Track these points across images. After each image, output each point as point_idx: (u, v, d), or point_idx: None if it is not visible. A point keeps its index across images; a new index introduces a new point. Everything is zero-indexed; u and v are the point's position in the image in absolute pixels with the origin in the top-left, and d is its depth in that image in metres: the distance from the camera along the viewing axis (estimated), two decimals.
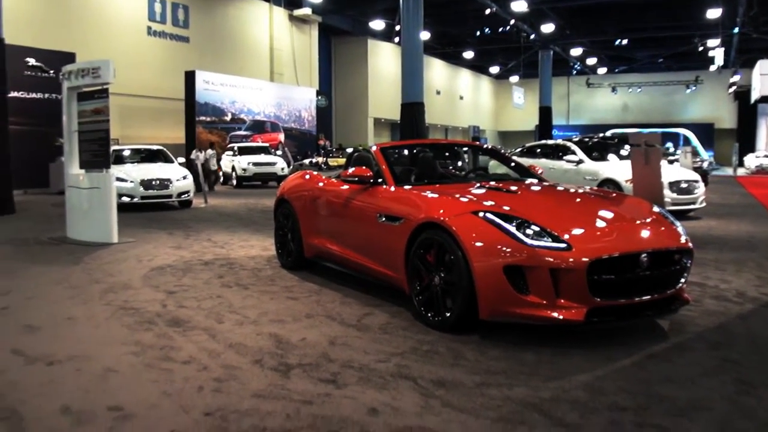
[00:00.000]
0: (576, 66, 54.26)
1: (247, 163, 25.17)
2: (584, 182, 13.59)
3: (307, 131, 37.45)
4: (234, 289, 6.85)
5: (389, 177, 6.42)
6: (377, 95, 45.19)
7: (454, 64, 55.39)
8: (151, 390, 3.97)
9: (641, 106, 58.67)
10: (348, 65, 45.65)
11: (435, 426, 3.41)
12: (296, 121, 36.66)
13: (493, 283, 4.79)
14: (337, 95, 45.66)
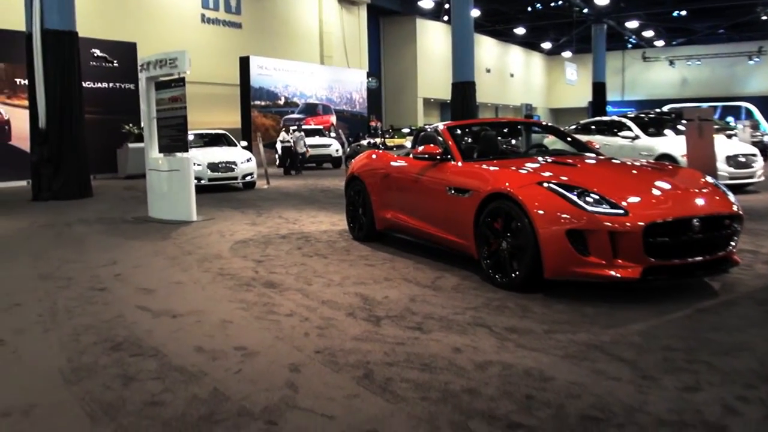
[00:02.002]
0: (631, 39, 53.81)
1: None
2: (640, 158, 14.01)
3: (359, 113, 38.13)
4: (314, 258, 7.63)
5: (457, 153, 7.10)
6: (426, 75, 45.60)
7: (504, 41, 55.48)
8: (265, 335, 4.75)
9: (701, 80, 57.43)
10: (397, 46, 46.10)
11: (511, 361, 4.11)
12: (347, 103, 37.38)
13: (557, 246, 5.45)
14: (386, 76, 46.19)
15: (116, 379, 3.94)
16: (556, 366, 4.00)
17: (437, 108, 49.53)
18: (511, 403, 3.46)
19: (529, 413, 3.33)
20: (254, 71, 30.69)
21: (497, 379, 3.80)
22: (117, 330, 4.95)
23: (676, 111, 18.35)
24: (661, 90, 57.56)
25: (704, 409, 3.36)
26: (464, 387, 3.69)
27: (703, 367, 3.96)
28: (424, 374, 3.90)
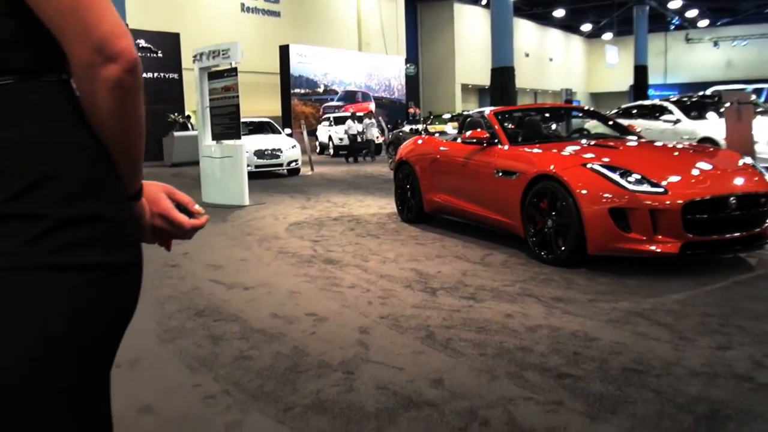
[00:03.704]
0: (674, 21, 53.40)
1: (343, 132, 26.52)
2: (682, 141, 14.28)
3: (397, 100, 38.64)
4: (367, 238, 8.16)
5: (504, 137, 7.58)
6: (464, 61, 45.87)
7: (543, 24, 55.49)
8: (332, 304, 5.28)
9: (747, 61, 56.01)
10: (434, 31, 46.41)
11: (559, 325, 4.60)
12: (386, 90, 37.90)
13: (600, 224, 5.91)
14: (423, 62, 46.54)
15: (205, 339, 4.50)
16: (600, 329, 4.49)
17: (475, 94, 49.81)
18: (560, 358, 3.96)
19: (576, 366, 3.82)
20: (294, 59, 31.31)
21: (546, 339, 4.29)
22: (196, 300, 5.52)
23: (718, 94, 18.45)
24: (705, 72, 56.66)
25: (734, 363, 3.82)
26: (517, 345, 4.19)
27: (735, 330, 4.40)
28: (480, 335, 4.41)
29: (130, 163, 1.25)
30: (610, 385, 3.53)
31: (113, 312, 1.18)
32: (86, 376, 1.17)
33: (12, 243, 1.07)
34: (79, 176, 1.13)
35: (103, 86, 1.12)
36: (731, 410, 3.21)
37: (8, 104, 1.11)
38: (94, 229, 1.13)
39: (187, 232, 1.49)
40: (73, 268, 1.11)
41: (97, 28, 1.09)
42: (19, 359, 1.08)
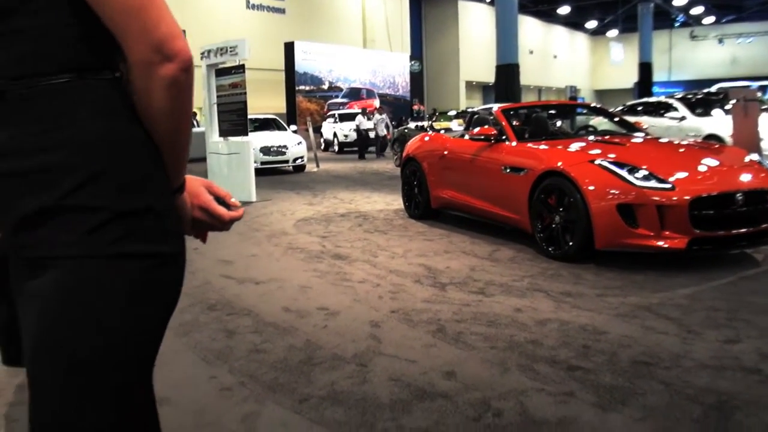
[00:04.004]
0: (678, 18, 53.34)
1: (349, 129, 26.53)
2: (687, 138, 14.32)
3: (402, 97, 38.65)
4: (375, 233, 8.22)
5: (511, 134, 7.64)
6: (468, 58, 45.90)
7: (548, 21, 55.48)
8: (343, 298, 5.35)
9: (752, 58, 55.70)
10: (438, 28, 46.43)
11: (568, 319, 4.66)
12: (391, 87, 37.93)
13: (608, 219, 5.96)
14: (428, 59, 46.60)
15: (219, 332, 4.57)
16: (609, 323, 4.55)
17: (479, 91, 49.85)
18: (570, 351, 4.02)
19: (586, 358, 3.89)
20: (299, 56, 31.37)
21: (556, 333, 4.36)
22: (208, 294, 5.59)
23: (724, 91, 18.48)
24: (709, 69, 56.52)
25: (742, 356, 3.88)
26: (527, 339, 4.26)
27: (742, 324, 4.46)
28: (490, 329, 4.47)
29: (177, 157, 1.33)
30: (620, 377, 3.60)
31: (163, 298, 1.27)
32: (140, 360, 1.26)
33: (72, 234, 1.15)
34: (133, 170, 1.21)
35: (159, 84, 1.20)
36: (739, 401, 3.27)
37: (67, 101, 1.18)
38: (146, 221, 1.22)
39: (226, 224, 1.57)
40: (128, 257, 1.19)
41: (156, 28, 1.17)
42: (80, 344, 1.17)
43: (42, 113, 1.17)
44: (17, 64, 1.18)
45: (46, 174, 1.16)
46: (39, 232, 1.18)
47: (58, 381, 1.18)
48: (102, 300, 1.18)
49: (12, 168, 1.17)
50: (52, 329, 1.18)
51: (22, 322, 1.28)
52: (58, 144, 1.17)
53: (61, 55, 1.19)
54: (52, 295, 1.18)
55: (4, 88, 1.18)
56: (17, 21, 1.16)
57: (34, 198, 1.17)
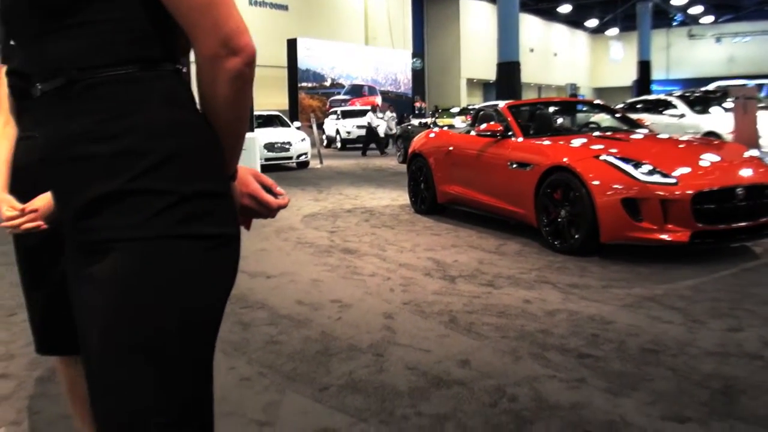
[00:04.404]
0: (677, 17, 53.37)
1: (352, 126, 26.56)
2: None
3: (403, 94, 38.70)
4: (382, 228, 8.31)
5: (517, 130, 7.73)
6: (469, 55, 45.93)
7: (548, 19, 55.49)
8: (354, 291, 5.43)
9: (749, 57, 55.65)
10: (440, 26, 46.45)
11: (576, 309, 4.76)
12: (392, 84, 37.98)
13: (613, 213, 6.06)
14: (429, 57, 46.59)
15: (235, 325, 4.65)
16: (616, 313, 4.65)
17: (480, 88, 49.87)
18: (580, 339, 4.12)
19: (595, 347, 3.98)
20: (301, 53, 31.42)
21: (565, 323, 4.45)
22: None
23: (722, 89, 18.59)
24: (707, 68, 56.48)
25: (745, 343, 3.99)
26: (537, 328, 4.35)
27: (745, 313, 4.57)
28: (501, 319, 4.57)
29: (234, 146, 1.41)
30: (628, 364, 3.69)
31: (225, 277, 1.36)
32: (207, 338, 1.34)
33: (142, 215, 1.22)
34: (197, 156, 1.29)
35: (224, 76, 1.27)
36: (744, 386, 3.38)
37: (133, 90, 1.26)
38: (210, 204, 1.30)
39: (272, 212, 1.65)
40: (194, 237, 1.27)
41: (225, 24, 1.25)
42: (152, 324, 1.24)
43: (109, 102, 1.25)
44: (86, 55, 1.25)
45: (113, 159, 1.23)
46: (105, 216, 1.24)
47: (131, 361, 1.24)
48: (170, 280, 1.25)
49: (79, 153, 1.24)
50: (122, 311, 1.24)
51: (81, 307, 1.33)
52: (125, 130, 1.24)
53: (127, 47, 1.26)
54: (119, 277, 1.24)
55: (72, 77, 1.25)
56: (89, 13, 1.23)
57: (102, 182, 1.24)
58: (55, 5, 1.23)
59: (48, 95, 1.29)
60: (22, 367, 3.94)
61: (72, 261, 1.38)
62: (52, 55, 1.27)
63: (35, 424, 3.25)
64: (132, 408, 1.25)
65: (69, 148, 1.26)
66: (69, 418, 3.16)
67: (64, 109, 1.27)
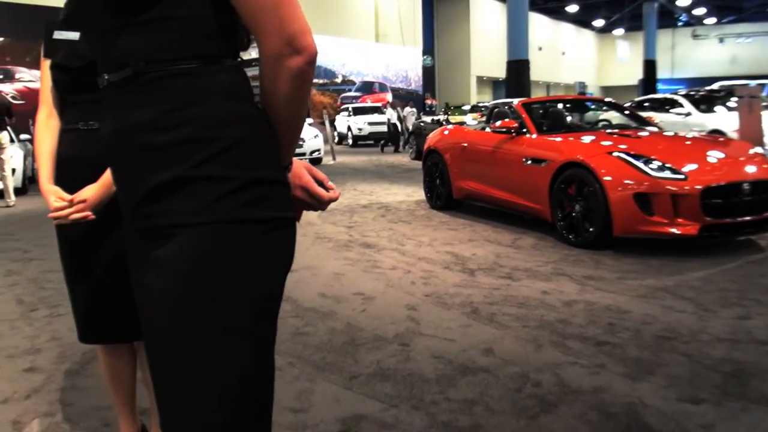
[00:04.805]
0: (681, 17, 53.29)
1: (363, 122, 26.65)
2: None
3: (414, 91, 38.77)
4: (399, 224, 8.44)
5: (532, 127, 7.84)
6: (479, 53, 45.87)
7: (556, 18, 55.39)
8: (376, 284, 5.56)
9: (752, 57, 55.47)
10: (450, 24, 46.37)
11: (592, 300, 4.88)
12: (403, 81, 38.07)
13: (625, 208, 6.17)
14: (439, 54, 46.52)
15: None
16: (630, 303, 4.77)
17: (489, 86, 49.84)
18: (597, 328, 4.24)
19: (613, 335, 4.11)
20: None
21: (583, 313, 4.58)
22: None
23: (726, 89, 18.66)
24: (710, 68, 56.28)
25: (754, 330, 4.11)
26: (557, 318, 4.48)
27: (753, 303, 4.69)
28: (521, 310, 4.69)
29: (291, 139, 1.48)
30: (645, 351, 3.82)
31: (283, 258, 1.44)
32: (271, 317, 1.43)
33: (206, 199, 1.30)
34: (257, 145, 1.37)
35: (286, 74, 1.35)
36: (754, 370, 3.51)
37: (198, 83, 1.34)
38: (267, 190, 1.37)
39: (324, 204, 1.68)
40: (254, 221, 1.34)
41: (290, 24, 1.32)
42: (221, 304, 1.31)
43: (173, 93, 1.32)
44: (154, 49, 1.33)
45: (176, 147, 1.31)
46: (169, 201, 1.31)
47: (202, 339, 1.31)
48: (233, 262, 1.32)
49: (144, 142, 1.32)
50: (189, 292, 1.30)
51: (144, 291, 1.39)
52: (188, 121, 1.31)
53: (192, 43, 1.34)
54: (185, 260, 1.30)
55: (139, 69, 1.33)
56: (159, 11, 1.31)
57: (167, 169, 1.30)
58: (129, 3, 1.31)
59: (114, 85, 1.37)
60: (50, 361, 4.03)
61: (133, 248, 1.45)
62: (122, 48, 1.34)
63: (68, 415, 3.30)
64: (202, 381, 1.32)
65: (134, 137, 1.33)
66: (102, 410, 3.29)
67: (130, 100, 1.35)
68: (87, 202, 2.27)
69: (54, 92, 2.51)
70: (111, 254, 2.43)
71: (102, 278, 2.47)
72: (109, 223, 2.35)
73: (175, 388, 1.33)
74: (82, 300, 2.54)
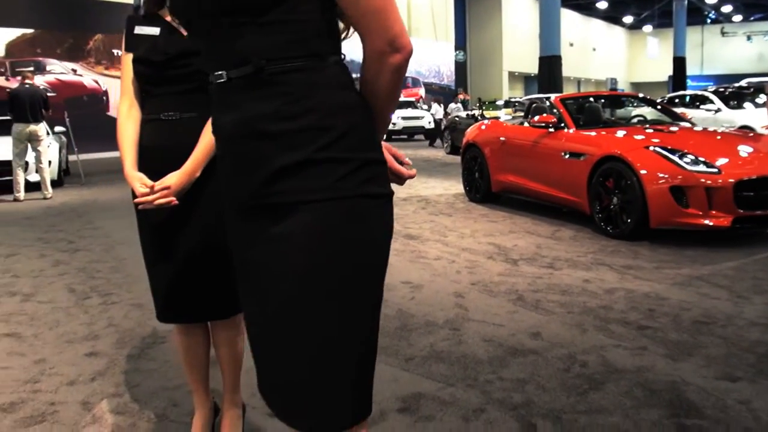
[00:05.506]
0: (710, 15, 52.74)
1: (397, 117, 26.65)
2: None
3: (446, 86, 38.70)
4: (440, 216, 8.60)
5: (570, 122, 7.98)
6: (511, 48, 45.62)
7: (587, 15, 54.98)
8: (423, 274, 5.72)
9: None
10: (482, 19, 46.11)
11: (632, 287, 5.02)
12: (436, 76, 38.00)
13: (662, 200, 6.29)
14: (471, 49, 46.33)
15: None
16: (668, 290, 4.90)
17: (521, 81, 49.63)
18: (638, 314, 4.38)
19: (653, 319, 4.25)
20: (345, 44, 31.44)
21: (623, 300, 4.72)
22: None
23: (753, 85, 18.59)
24: (738, 65, 55.43)
25: None
26: (599, 305, 4.62)
27: None
28: (564, 297, 4.84)
29: (384, 123, 1.65)
30: (684, 334, 3.96)
31: (390, 228, 1.60)
32: (381, 278, 1.59)
33: (331, 178, 1.46)
34: (364, 131, 1.54)
35: (388, 69, 1.52)
36: None
37: (314, 77, 1.50)
38: (377, 169, 1.55)
39: (402, 180, 1.82)
40: (370, 196, 1.51)
41: (392, 27, 1.50)
42: (343, 266, 1.48)
43: (293, 86, 1.48)
44: (273, 48, 1.48)
45: (303, 133, 1.46)
46: (294, 181, 1.46)
47: (334, 304, 1.47)
48: (357, 231, 1.49)
49: (270, 130, 1.48)
50: (318, 259, 1.46)
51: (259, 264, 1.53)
52: (308, 110, 1.47)
53: (307, 42, 1.50)
54: (313, 231, 1.45)
55: (261, 66, 1.48)
56: (279, 14, 1.47)
57: (293, 152, 1.44)
58: (250, 8, 1.46)
59: (235, 81, 1.52)
60: (110, 346, 4.15)
61: (241, 228, 1.60)
62: (242, 48, 1.49)
63: (135, 396, 3.39)
64: (325, 343, 1.48)
65: (258, 125, 1.49)
66: (168, 390, 3.44)
67: (252, 94, 1.50)
68: (170, 189, 2.38)
69: (135, 84, 2.60)
70: (190, 239, 2.53)
71: (180, 261, 2.56)
72: (189, 210, 2.48)
73: (303, 351, 1.48)
74: (162, 282, 2.62)
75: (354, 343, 1.51)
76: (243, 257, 1.60)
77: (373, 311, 1.56)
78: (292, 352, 1.49)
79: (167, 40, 2.51)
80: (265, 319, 1.54)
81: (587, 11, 53.48)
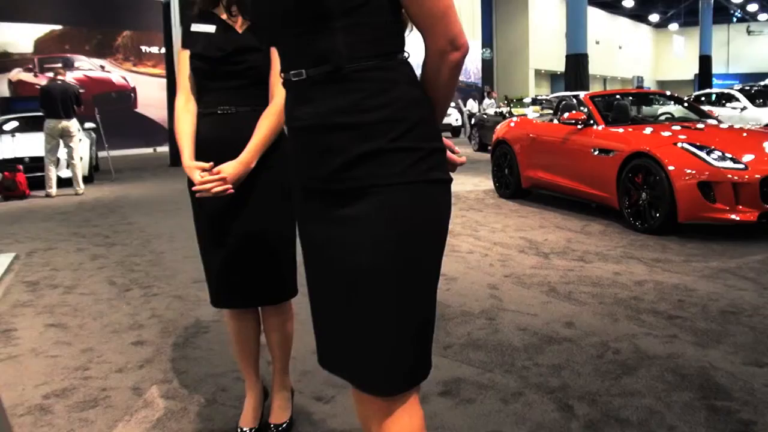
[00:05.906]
0: (736, 13, 52.20)
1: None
2: None
3: (473, 83, 38.67)
4: (471, 211, 8.71)
5: (600, 119, 8.06)
6: (537, 46, 45.37)
7: (613, 13, 54.60)
8: (457, 266, 5.84)
9: None
10: (508, 17, 45.86)
11: (661, 279, 5.11)
12: (463, 74, 37.30)
13: (689, 196, 6.37)
14: (498, 47, 46.12)
15: None
16: (696, 282, 4.99)
17: (547, 79, 49.40)
18: (668, 304, 4.48)
19: (682, 309, 4.35)
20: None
21: (653, 291, 4.82)
22: None
23: None
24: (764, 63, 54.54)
25: None
26: (629, 296, 4.73)
27: None
28: (595, 288, 4.95)
29: (442, 115, 1.78)
30: (712, 323, 4.07)
31: (449, 210, 1.74)
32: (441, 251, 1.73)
33: (403, 165, 1.60)
34: (430, 122, 1.68)
35: (448, 66, 1.66)
36: None
37: (387, 74, 1.64)
38: (440, 157, 1.69)
39: (454, 167, 1.89)
40: (436, 182, 1.65)
41: (452, 27, 1.64)
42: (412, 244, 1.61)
43: (370, 83, 1.61)
44: (351, 49, 1.61)
45: (379, 125, 1.57)
46: (369, 167, 1.56)
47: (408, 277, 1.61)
48: (426, 212, 1.63)
49: (348, 122, 1.60)
50: (390, 238, 1.59)
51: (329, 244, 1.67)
52: (384, 104, 1.61)
53: (380, 42, 1.64)
54: (386, 213, 1.57)
55: (339, 65, 1.61)
56: (354, 18, 1.60)
57: (370, 142, 1.56)
58: (332, 15, 1.59)
59: (313, 79, 1.65)
60: (155, 335, 4.26)
61: (314, 210, 1.70)
62: (321, 49, 1.62)
63: (184, 382, 3.50)
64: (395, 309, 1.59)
65: (337, 118, 1.61)
66: (216, 376, 3.57)
67: (331, 89, 1.62)
68: (227, 178, 2.46)
69: (192, 79, 2.69)
70: (243, 226, 2.63)
71: (234, 248, 2.65)
72: (244, 198, 2.59)
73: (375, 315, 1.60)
74: (215, 268, 2.72)
75: (420, 308, 1.65)
76: (312, 235, 1.74)
77: (434, 282, 1.71)
78: (364, 317, 1.62)
79: (223, 37, 2.61)
80: (337, 287, 1.67)
81: (613, 9, 53.05)
